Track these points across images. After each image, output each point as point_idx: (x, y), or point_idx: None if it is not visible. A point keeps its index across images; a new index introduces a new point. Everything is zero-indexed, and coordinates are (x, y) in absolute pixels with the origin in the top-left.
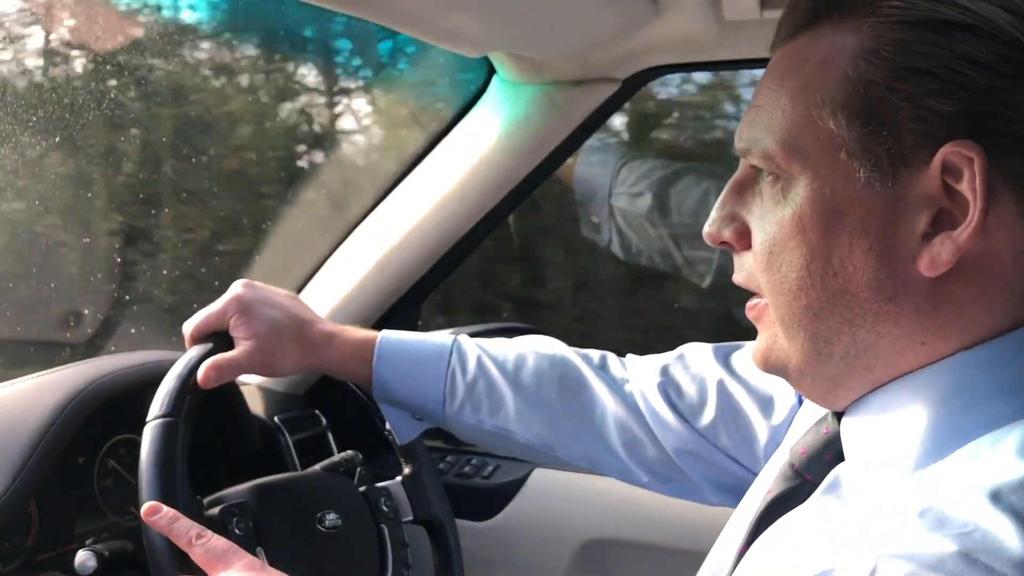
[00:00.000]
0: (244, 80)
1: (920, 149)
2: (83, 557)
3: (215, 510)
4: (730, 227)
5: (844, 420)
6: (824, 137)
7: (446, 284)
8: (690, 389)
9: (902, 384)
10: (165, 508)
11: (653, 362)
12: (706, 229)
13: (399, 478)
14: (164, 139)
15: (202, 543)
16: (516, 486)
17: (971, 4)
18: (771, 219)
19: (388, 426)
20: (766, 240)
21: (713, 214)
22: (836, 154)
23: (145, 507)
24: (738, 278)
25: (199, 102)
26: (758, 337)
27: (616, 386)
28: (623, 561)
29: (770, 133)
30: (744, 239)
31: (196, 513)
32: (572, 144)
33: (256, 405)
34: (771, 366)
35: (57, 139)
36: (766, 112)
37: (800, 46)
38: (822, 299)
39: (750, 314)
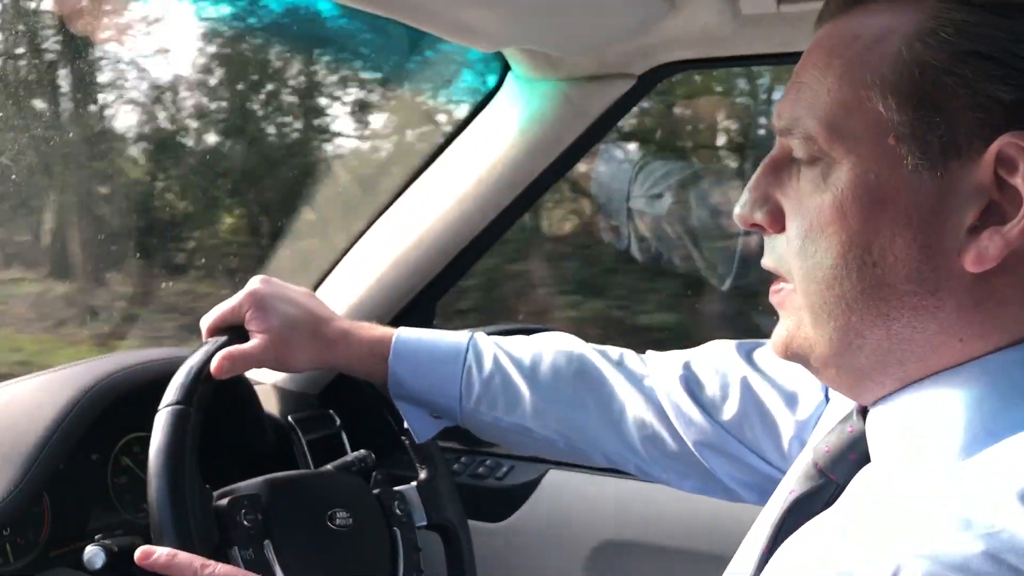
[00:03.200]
0: (262, 78)
1: (974, 138)
2: (91, 552)
3: (224, 501)
4: (763, 209)
5: (870, 418)
6: (871, 120)
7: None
8: (713, 383)
9: (935, 382)
10: (158, 550)
11: (674, 357)
12: (737, 210)
13: (414, 483)
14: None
15: (207, 572)
16: (530, 487)
17: None
18: (809, 203)
19: (406, 425)
20: (802, 224)
21: (745, 195)
22: (883, 138)
23: (137, 553)
24: (767, 262)
25: (217, 100)
26: (779, 323)
27: (635, 381)
28: (638, 564)
29: (813, 113)
30: (778, 222)
31: (204, 503)
32: (588, 141)
33: (271, 404)
34: (791, 353)
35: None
36: (810, 90)
37: (851, 23)
38: (857, 289)
39: (774, 299)
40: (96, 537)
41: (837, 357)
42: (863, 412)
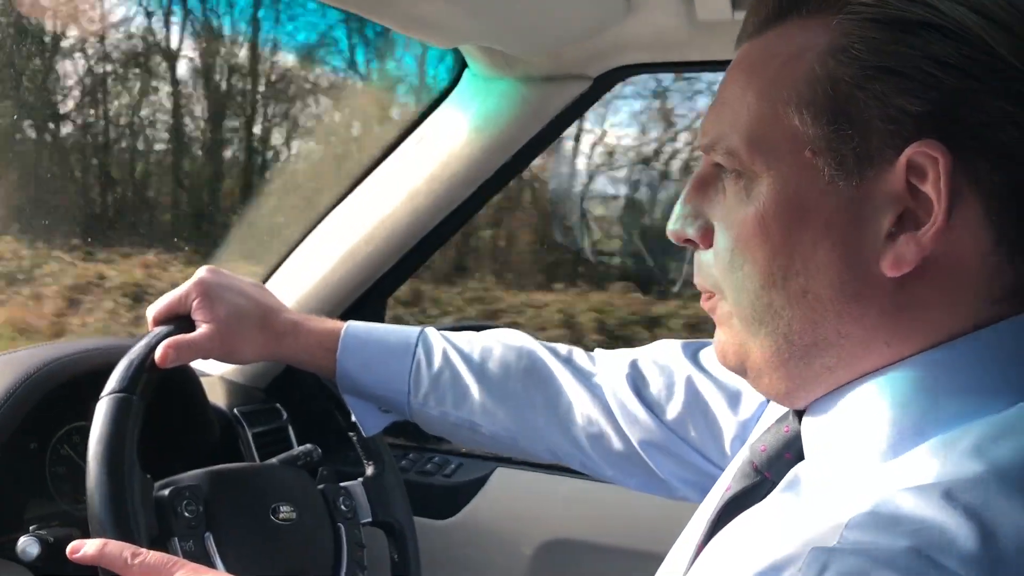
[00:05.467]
0: (214, 69)
1: (886, 148)
2: (25, 543)
3: (165, 491)
4: (694, 225)
5: (805, 419)
6: (789, 134)
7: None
8: (658, 382)
9: (864, 384)
10: (88, 542)
11: (621, 356)
12: (670, 227)
13: (360, 479)
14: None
15: (139, 560)
16: (477, 485)
17: (941, 5)
18: (734, 217)
19: (353, 419)
20: (729, 238)
21: (676, 211)
22: (800, 152)
23: (68, 549)
24: (698, 279)
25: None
26: (716, 333)
27: (583, 378)
28: (583, 562)
29: (734, 129)
30: (708, 237)
31: (144, 492)
32: (543, 141)
33: (217, 396)
34: (730, 363)
35: None
36: (730, 108)
37: (767, 42)
38: (783, 297)
39: (705, 306)
40: (31, 528)
41: (769, 363)
42: (799, 413)
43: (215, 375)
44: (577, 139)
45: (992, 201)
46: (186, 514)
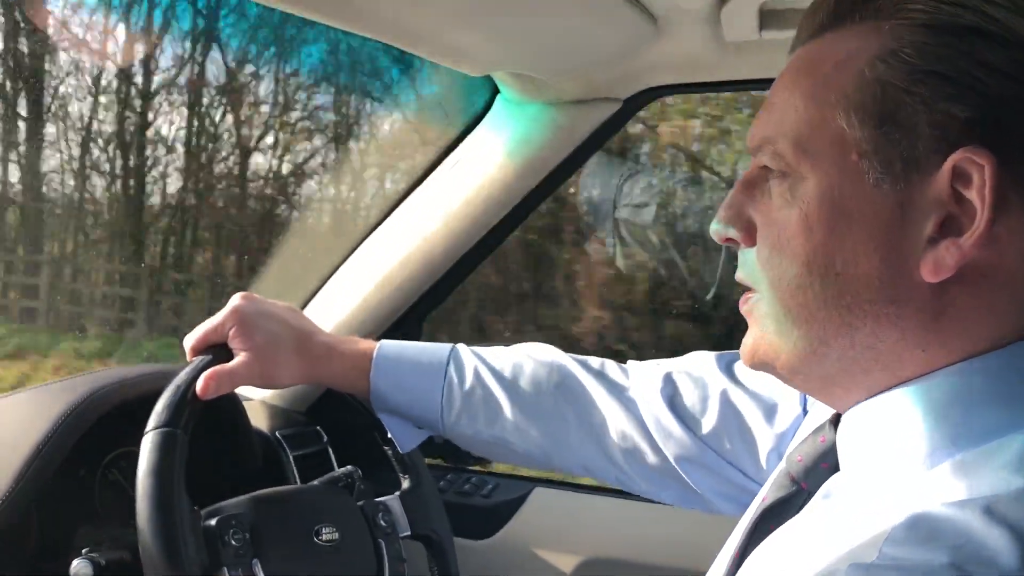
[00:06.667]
0: (252, 99)
1: (932, 153)
2: (78, 565)
3: (212, 521)
4: (737, 224)
5: (840, 429)
6: (836, 137)
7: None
8: (693, 396)
9: (901, 392)
10: None
11: (655, 369)
12: (713, 226)
13: (397, 493)
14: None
15: None
16: (515, 505)
17: (993, 11)
18: (778, 217)
19: (389, 435)
20: (770, 237)
21: (720, 211)
22: (847, 155)
23: None
24: (740, 275)
25: (211, 120)
26: (747, 332)
27: (616, 392)
28: None
29: (782, 131)
30: (751, 236)
31: (194, 523)
32: (574, 162)
33: (259, 420)
34: (758, 361)
35: None
36: (779, 110)
37: (819, 46)
38: (820, 299)
39: (743, 308)
40: (83, 551)
41: (802, 365)
42: (835, 422)
43: (256, 399)
44: None
45: None
46: (233, 543)
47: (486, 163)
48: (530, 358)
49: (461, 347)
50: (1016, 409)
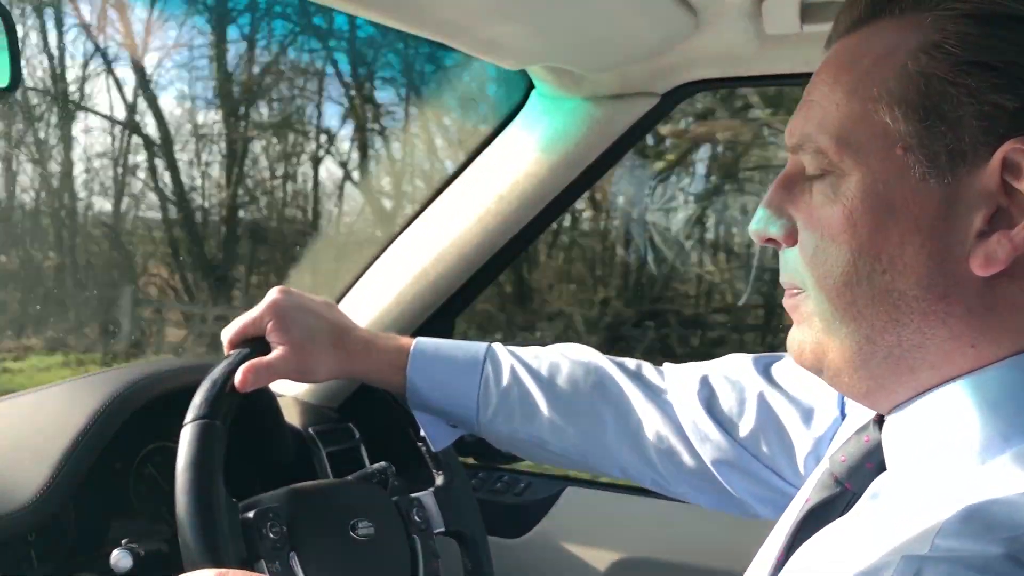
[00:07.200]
0: (286, 95)
1: (980, 145)
2: (118, 556)
3: (250, 513)
4: (777, 223)
5: (886, 427)
6: (879, 131)
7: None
8: (729, 398)
9: (949, 389)
10: None
11: (692, 371)
12: (752, 226)
13: (431, 489)
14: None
15: None
16: (548, 503)
17: None
18: (820, 214)
19: (423, 433)
20: (814, 235)
21: (760, 211)
22: (891, 149)
23: None
24: (783, 277)
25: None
26: (792, 331)
27: (653, 395)
28: None
29: (823, 128)
30: (791, 236)
31: (232, 515)
32: (610, 158)
33: (292, 416)
34: (806, 361)
35: None
36: (820, 107)
37: (859, 40)
38: (868, 296)
39: (787, 305)
40: (123, 541)
41: (850, 364)
42: (879, 422)
43: (289, 396)
44: None
45: None
46: (271, 535)
47: (521, 159)
48: (567, 358)
49: (497, 345)
50: None
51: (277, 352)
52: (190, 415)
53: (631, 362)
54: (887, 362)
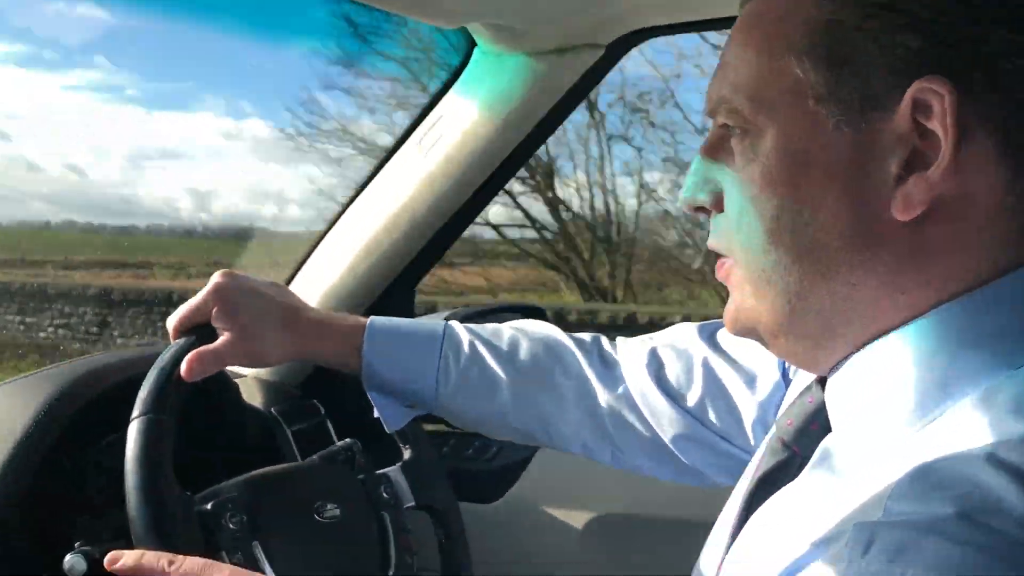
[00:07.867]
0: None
1: (890, 88)
2: (72, 561)
3: (208, 505)
4: (704, 191)
5: (828, 387)
6: (791, 85)
7: None
8: (676, 369)
9: (883, 342)
10: (124, 554)
11: (641, 344)
12: (681, 196)
13: (399, 464)
14: None
15: (175, 567)
16: (519, 467)
17: None
18: (742, 175)
19: (376, 414)
20: (737, 197)
21: (687, 180)
22: (804, 101)
23: (106, 560)
24: (712, 242)
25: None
26: (729, 300)
27: (608, 370)
28: (632, 535)
29: (737, 88)
30: (720, 202)
31: (186, 510)
32: (559, 114)
33: (253, 397)
34: (740, 327)
35: None
36: (732, 68)
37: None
38: (793, 252)
39: (719, 274)
40: (76, 544)
41: (783, 325)
42: (822, 382)
43: (249, 376)
44: None
45: (1004, 137)
46: (231, 526)
47: (467, 119)
48: (525, 334)
49: (454, 322)
50: (1005, 348)
51: (224, 338)
52: (136, 410)
53: (588, 337)
54: (820, 318)
